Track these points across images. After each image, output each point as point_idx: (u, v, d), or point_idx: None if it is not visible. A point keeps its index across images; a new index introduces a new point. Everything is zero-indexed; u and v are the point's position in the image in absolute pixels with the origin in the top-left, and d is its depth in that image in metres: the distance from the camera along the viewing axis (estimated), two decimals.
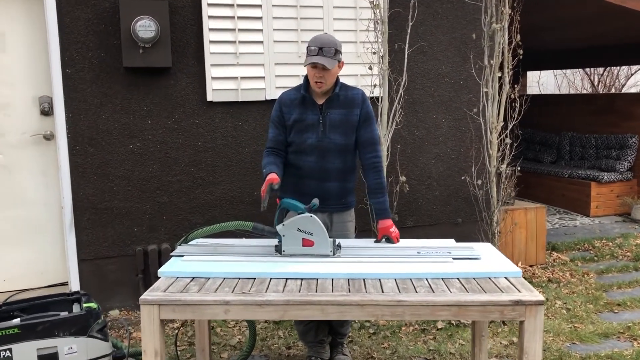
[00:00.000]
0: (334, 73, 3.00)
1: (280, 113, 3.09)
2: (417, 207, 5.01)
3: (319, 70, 2.93)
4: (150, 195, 4.34)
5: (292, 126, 3.06)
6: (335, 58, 2.95)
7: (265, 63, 4.47)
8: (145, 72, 4.23)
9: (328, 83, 2.99)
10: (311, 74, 2.97)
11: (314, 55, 2.90)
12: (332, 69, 2.95)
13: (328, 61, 2.90)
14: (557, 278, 5.12)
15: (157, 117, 4.31)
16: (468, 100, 5.07)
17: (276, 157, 3.07)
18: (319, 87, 2.98)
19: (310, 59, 2.91)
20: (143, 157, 4.30)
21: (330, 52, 2.92)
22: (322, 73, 2.94)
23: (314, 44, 2.93)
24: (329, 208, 3.17)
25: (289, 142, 3.09)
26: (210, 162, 4.45)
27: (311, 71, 2.96)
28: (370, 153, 3.12)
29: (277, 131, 3.10)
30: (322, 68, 2.92)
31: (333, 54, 2.93)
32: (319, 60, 2.89)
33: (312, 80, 2.98)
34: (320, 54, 2.90)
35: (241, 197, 4.54)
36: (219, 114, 4.44)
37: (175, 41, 4.29)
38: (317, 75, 2.94)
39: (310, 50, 2.92)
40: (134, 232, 4.34)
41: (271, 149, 3.09)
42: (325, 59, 2.90)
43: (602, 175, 7.27)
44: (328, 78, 2.98)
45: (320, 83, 2.97)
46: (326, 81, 2.97)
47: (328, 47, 2.92)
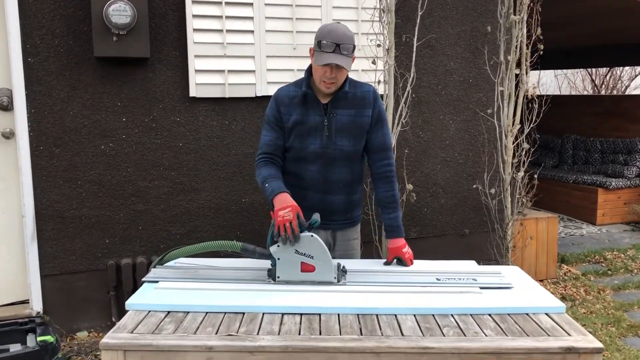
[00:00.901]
0: (346, 73, 2.52)
1: (277, 113, 2.59)
2: (421, 217, 4.56)
3: (332, 70, 2.43)
4: (124, 202, 3.84)
5: (291, 129, 2.57)
6: (352, 54, 2.46)
7: (255, 55, 3.99)
8: (120, 62, 3.73)
9: (339, 83, 2.51)
10: (320, 73, 2.45)
11: (330, 53, 2.38)
12: (347, 67, 2.46)
13: (347, 61, 2.41)
14: (572, 295, 4.71)
15: (132, 114, 3.81)
16: (478, 100, 4.63)
17: (276, 169, 2.55)
18: (329, 87, 2.49)
19: (326, 57, 2.38)
20: (116, 160, 3.80)
21: (349, 49, 2.42)
22: (336, 73, 2.44)
23: (330, 38, 2.40)
24: (332, 225, 2.71)
25: (287, 148, 2.61)
26: (193, 165, 3.96)
27: (321, 70, 2.44)
28: (381, 160, 2.66)
29: (274, 134, 2.59)
30: (336, 66, 2.42)
31: (351, 52, 2.44)
32: (338, 60, 2.38)
33: (320, 79, 2.47)
34: (338, 51, 2.39)
35: (227, 205, 4.06)
36: (203, 112, 3.95)
37: (154, 28, 3.79)
38: (330, 75, 2.44)
39: (324, 45, 2.39)
40: (106, 244, 3.84)
41: (267, 157, 2.58)
42: (344, 58, 2.40)
43: (610, 182, 6.89)
44: (341, 78, 2.49)
45: (332, 83, 2.48)
46: (338, 81, 2.49)
47: (347, 43, 2.41)
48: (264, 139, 2.61)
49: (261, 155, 2.59)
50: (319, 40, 2.42)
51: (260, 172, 2.52)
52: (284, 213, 2.27)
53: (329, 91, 2.50)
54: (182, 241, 3.98)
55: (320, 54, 2.41)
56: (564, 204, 7.38)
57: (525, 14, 3.86)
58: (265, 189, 2.44)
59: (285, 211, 2.27)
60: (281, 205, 2.30)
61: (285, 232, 2.25)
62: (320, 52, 2.41)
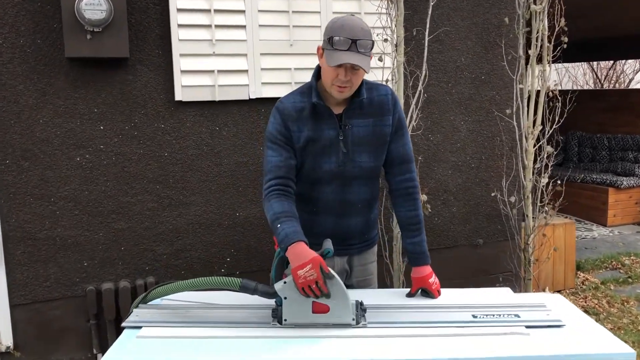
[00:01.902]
0: (362, 75, 2.09)
1: (285, 130, 2.12)
2: (432, 227, 4.18)
3: (346, 72, 2.01)
4: (104, 220, 3.42)
5: (303, 148, 2.14)
6: (370, 54, 2.05)
7: (248, 53, 3.58)
8: (96, 63, 3.31)
9: (354, 87, 2.09)
10: (332, 75, 2.02)
11: (344, 52, 1.96)
12: (363, 71, 2.04)
13: (365, 61, 1.99)
14: (594, 308, 4.36)
15: (111, 121, 3.38)
16: (491, 99, 4.25)
17: (290, 203, 2.08)
18: (342, 92, 2.06)
19: (340, 57, 1.96)
20: (94, 173, 3.38)
21: (367, 47, 2.00)
22: (351, 75, 2.02)
23: (343, 33, 1.97)
24: (349, 250, 2.32)
25: (298, 168, 2.18)
26: (180, 177, 3.55)
27: (332, 71, 2.01)
28: (402, 174, 2.27)
29: (285, 153, 2.12)
30: (352, 66, 2.01)
31: (369, 49, 2.03)
32: (354, 60, 1.96)
33: (332, 83, 2.04)
34: (354, 49, 1.96)
35: (219, 220, 3.65)
36: (191, 117, 3.53)
37: (134, 25, 3.37)
38: (344, 78, 2.01)
39: (337, 42, 1.97)
40: (84, 268, 3.42)
41: (280, 186, 2.09)
42: (361, 57, 1.98)
43: (621, 180, 6.55)
44: (356, 82, 2.07)
45: (346, 87, 2.05)
46: (353, 85, 2.07)
47: (364, 39, 1.99)
48: (273, 160, 2.12)
49: (272, 182, 2.10)
50: (331, 37, 2.00)
51: (271, 207, 2.05)
52: (306, 273, 1.86)
53: (342, 97, 2.09)
54: (170, 261, 3.57)
55: (333, 52, 1.99)
56: (572, 204, 7.01)
57: (547, 4, 3.49)
58: (277, 231, 1.99)
59: (305, 270, 1.86)
60: (300, 262, 1.87)
61: (313, 293, 1.89)
62: (332, 51, 1.99)
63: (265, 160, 2.17)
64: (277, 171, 2.11)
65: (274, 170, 2.12)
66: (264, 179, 2.16)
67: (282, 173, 2.11)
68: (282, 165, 2.12)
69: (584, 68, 11.88)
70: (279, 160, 2.12)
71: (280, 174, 2.11)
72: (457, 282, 4.29)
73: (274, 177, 2.11)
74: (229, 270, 3.68)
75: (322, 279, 1.87)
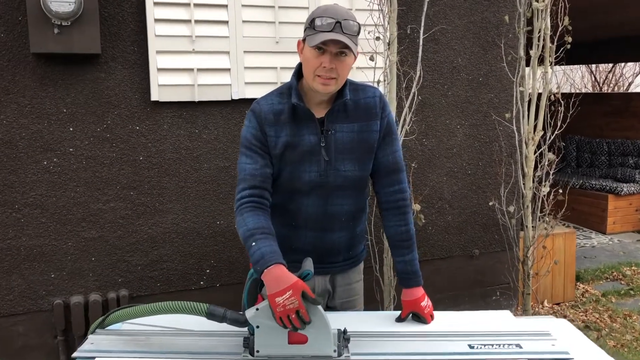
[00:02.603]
0: (350, 66, 1.86)
1: (261, 134, 1.89)
2: (426, 237, 3.95)
3: (330, 59, 1.77)
4: (73, 228, 3.18)
5: (281, 155, 1.90)
6: (357, 40, 1.82)
7: (231, 50, 3.35)
8: (65, 60, 3.07)
9: (340, 81, 1.84)
10: (315, 64, 1.78)
11: (329, 32, 1.73)
12: (350, 59, 1.82)
13: (351, 42, 1.76)
14: (595, 323, 4.14)
15: (81, 122, 3.15)
16: (488, 101, 4.03)
17: (266, 217, 1.83)
18: (327, 85, 1.82)
19: (325, 35, 1.74)
20: (62, 178, 3.14)
21: (353, 30, 1.77)
22: (336, 63, 1.78)
23: (327, 14, 1.76)
24: (332, 268, 2.09)
25: (275, 178, 1.94)
26: (157, 182, 3.31)
27: (316, 59, 1.78)
28: (392, 186, 2.03)
29: (260, 161, 1.88)
30: (337, 54, 1.77)
31: (356, 33, 1.80)
32: (341, 37, 1.73)
33: (314, 74, 1.80)
34: (339, 30, 1.74)
35: (198, 228, 3.41)
36: (168, 119, 3.30)
37: (107, 18, 3.13)
38: (328, 65, 1.77)
39: (319, 25, 1.75)
40: (51, 280, 3.18)
41: (254, 197, 1.85)
42: (348, 38, 1.75)
43: (621, 187, 6.35)
44: (342, 72, 1.82)
45: (331, 79, 1.81)
46: (339, 76, 1.82)
47: (350, 20, 1.77)
48: (247, 167, 1.88)
49: (246, 192, 1.86)
50: (313, 19, 1.78)
51: (244, 221, 1.79)
52: (286, 301, 1.59)
53: (327, 91, 1.85)
54: (145, 273, 3.34)
55: (315, 35, 1.75)
56: (570, 211, 6.78)
57: (550, 1, 3.27)
58: (251, 250, 1.73)
59: (285, 297, 1.59)
60: (279, 289, 1.61)
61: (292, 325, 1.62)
62: (314, 34, 1.76)
63: (239, 167, 1.94)
64: (252, 180, 1.88)
65: (248, 179, 1.88)
66: (236, 188, 1.93)
67: (257, 182, 1.88)
68: (257, 174, 1.88)
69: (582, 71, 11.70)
70: (253, 168, 1.88)
71: (255, 184, 1.88)
72: (451, 295, 4.08)
73: (248, 186, 1.88)
74: (208, 282, 3.45)
75: (305, 307, 1.63)
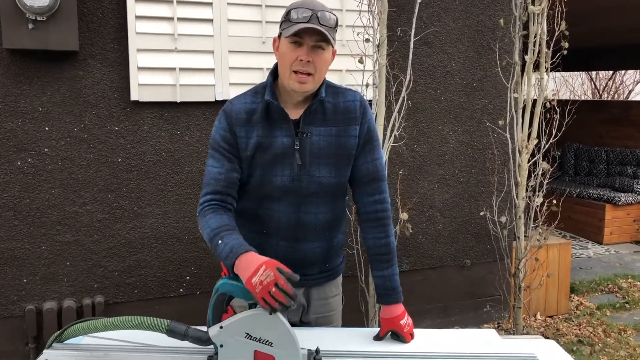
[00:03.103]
0: (328, 62, 1.75)
1: (230, 134, 1.78)
2: (416, 246, 3.84)
3: (307, 51, 1.67)
4: (48, 232, 3.07)
5: (251, 157, 1.80)
6: (334, 34, 1.72)
7: (215, 50, 3.23)
8: (41, 57, 2.96)
9: (318, 78, 1.74)
10: (291, 58, 1.69)
11: (305, 23, 1.64)
12: (327, 53, 1.72)
13: (329, 35, 1.67)
14: (589, 337, 4.02)
15: (58, 122, 3.03)
16: (482, 107, 3.92)
17: (229, 217, 1.75)
18: (303, 83, 1.72)
19: (301, 25, 1.63)
20: (37, 179, 3.02)
21: (330, 21, 1.68)
22: (313, 56, 1.68)
23: (303, 6, 1.66)
24: (306, 281, 1.96)
25: (245, 181, 1.84)
26: (135, 185, 3.19)
27: (292, 53, 1.68)
28: (371, 195, 1.91)
29: (227, 164, 1.78)
30: (314, 47, 1.68)
31: (333, 26, 1.71)
32: (318, 27, 1.64)
33: (290, 70, 1.70)
34: (316, 22, 1.64)
35: (178, 234, 3.29)
36: (149, 119, 3.18)
37: (85, 14, 3.02)
38: (305, 58, 1.67)
39: (295, 17, 1.65)
40: (23, 285, 3.06)
41: (217, 200, 1.77)
42: (324, 28, 1.65)
43: (619, 197, 6.23)
44: (320, 67, 1.72)
45: (307, 76, 1.71)
46: (316, 72, 1.72)
47: (327, 11, 1.68)
48: (212, 171, 1.79)
49: (208, 197, 1.77)
50: (288, 11, 1.68)
51: (207, 223, 1.71)
52: (261, 277, 1.49)
53: (303, 89, 1.73)
54: (122, 279, 3.22)
55: (291, 26, 1.66)
56: (566, 220, 6.69)
57: (547, 5, 3.15)
58: (218, 248, 1.63)
59: (259, 275, 1.49)
60: (252, 269, 1.51)
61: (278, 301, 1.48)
62: (290, 26, 1.66)
63: (205, 170, 1.83)
64: (215, 185, 1.78)
65: (212, 183, 1.78)
66: (201, 192, 1.83)
67: (220, 187, 1.77)
68: (222, 179, 1.78)
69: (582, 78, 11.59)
70: (218, 172, 1.78)
71: (218, 189, 1.77)
72: (441, 306, 3.95)
73: (211, 191, 1.78)
74: (188, 290, 3.33)
75: (283, 279, 1.50)
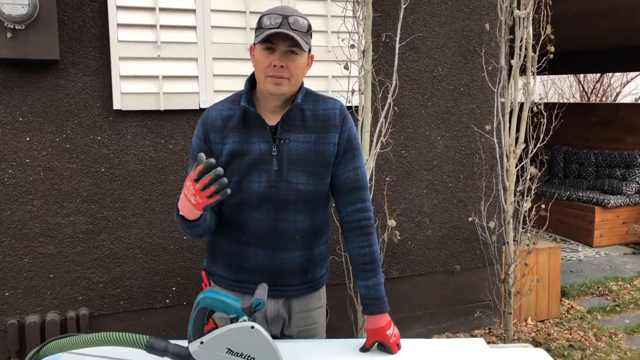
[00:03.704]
0: (303, 67, 1.75)
1: (205, 142, 1.80)
2: (405, 252, 3.81)
3: (280, 57, 1.68)
4: (29, 244, 3.01)
5: (227, 163, 1.78)
6: (308, 39, 1.73)
7: (199, 57, 3.20)
8: (21, 66, 2.91)
9: (294, 81, 1.74)
10: (265, 63, 1.69)
11: (275, 29, 1.64)
12: (302, 58, 1.72)
13: (300, 38, 1.66)
14: (580, 341, 4.00)
15: (39, 132, 2.98)
16: (470, 112, 3.90)
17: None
18: (279, 85, 1.71)
19: (268, 31, 1.65)
20: (18, 190, 2.97)
21: (302, 25, 1.69)
22: (287, 61, 1.68)
23: (274, 12, 1.68)
24: (286, 292, 1.93)
25: None
26: (119, 195, 3.15)
27: (266, 59, 1.68)
28: (353, 204, 1.88)
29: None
30: (287, 52, 1.68)
31: (306, 31, 1.71)
32: (289, 32, 1.64)
33: (266, 74, 1.70)
34: (287, 27, 1.65)
35: (164, 244, 3.25)
36: (132, 128, 3.14)
37: (67, 22, 2.97)
38: (279, 63, 1.67)
39: (267, 24, 1.67)
40: (4, 298, 3.00)
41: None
42: (296, 33, 1.66)
43: (608, 199, 6.24)
44: (295, 72, 1.72)
45: (282, 79, 1.70)
46: (292, 76, 1.72)
47: (298, 16, 1.69)
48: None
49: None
50: (261, 18, 1.70)
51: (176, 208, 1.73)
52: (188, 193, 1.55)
53: (280, 92, 1.72)
54: (106, 291, 3.16)
55: (263, 32, 1.67)
56: (556, 222, 6.72)
57: (532, 9, 3.14)
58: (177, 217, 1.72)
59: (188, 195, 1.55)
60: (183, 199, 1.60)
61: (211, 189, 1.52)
62: (262, 31, 1.67)
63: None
64: None
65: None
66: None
67: None
68: None
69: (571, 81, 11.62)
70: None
71: None
72: (432, 312, 3.92)
73: None
74: (174, 300, 3.28)
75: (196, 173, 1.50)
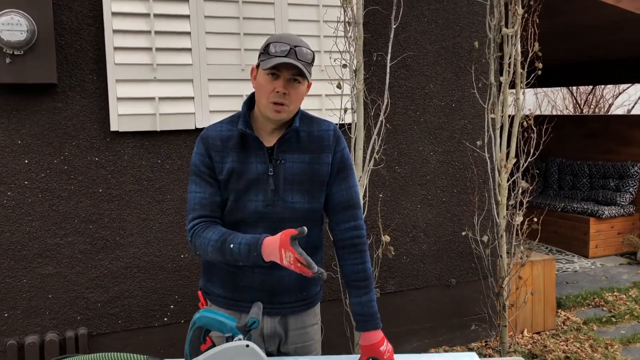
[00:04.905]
0: (303, 94, 1.83)
1: (208, 160, 1.84)
2: (400, 267, 3.85)
3: (284, 84, 1.74)
4: (28, 265, 3.05)
5: (226, 182, 1.84)
6: (310, 69, 1.80)
7: (194, 78, 3.26)
8: (19, 90, 2.97)
9: (292, 108, 1.81)
10: (269, 89, 1.75)
11: (283, 57, 1.71)
12: (303, 86, 1.80)
13: (304, 68, 1.74)
14: (576, 353, 4.03)
15: (37, 154, 3.03)
16: (462, 128, 3.96)
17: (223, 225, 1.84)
18: (279, 112, 1.78)
19: (279, 59, 1.71)
20: (17, 212, 3.01)
21: (307, 56, 1.76)
22: (290, 88, 1.75)
23: (282, 40, 1.75)
24: (282, 309, 1.97)
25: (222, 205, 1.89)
26: (117, 215, 3.19)
27: (269, 85, 1.75)
28: (347, 222, 1.93)
29: (209, 189, 1.84)
30: (290, 80, 1.75)
31: (310, 62, 1.79)
32: (295, 62, 1.71)
33: (268, 100, 1.76)
34: (293, 56, 1.72)
35: (161, 262, 3.29)
36: (129, 149, 3.19)
37: (64, 47, 3.03)
38: (282, 90, 1.74)
39: (274, 51, 1.73)
40: (4, 319, 3.03)
41: (204, 220, 1.82)
42: (302, 64, 1.73)
43: (602, 210, 6.29)
44: (295, 99, 1.80)
45: (282, 106, 1.77)
46: (291, 104, 1.79)
47: (304, 47, 1.76)
48: (196, 196, 1.84)
49: (196, 220, 1.82)
50: (267, 45, 1.76)
51: (205, 238, 1.77)
52: (285, 259, 1.64)
53: (278, 118, 1.79)
54: (105, 310, 3.20)
55: (270, 59, 1.73)
56: (552, 234, 6.76)
57: (519, 27, 3.22)
58: (234, 252, 1.72)
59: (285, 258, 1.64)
60: (278, 256, 1.66)
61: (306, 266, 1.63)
62: (269, 58, 1.73)
63: (188, 196, 1.88)
64: (201, 209, 1.83)
65: (198, 208, 1.83)
66: (186, 217, 1.86)
67: (207, 212, 1.83)
68: (206, 204, 1.83)
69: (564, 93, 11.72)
70: (202, 197, 1.83)
71: (205, 213, 1.83)
72: (428, 326, 3.96)
73: (198, 215, 1.83)
74: (172, 319, 3.31)
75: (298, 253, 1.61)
